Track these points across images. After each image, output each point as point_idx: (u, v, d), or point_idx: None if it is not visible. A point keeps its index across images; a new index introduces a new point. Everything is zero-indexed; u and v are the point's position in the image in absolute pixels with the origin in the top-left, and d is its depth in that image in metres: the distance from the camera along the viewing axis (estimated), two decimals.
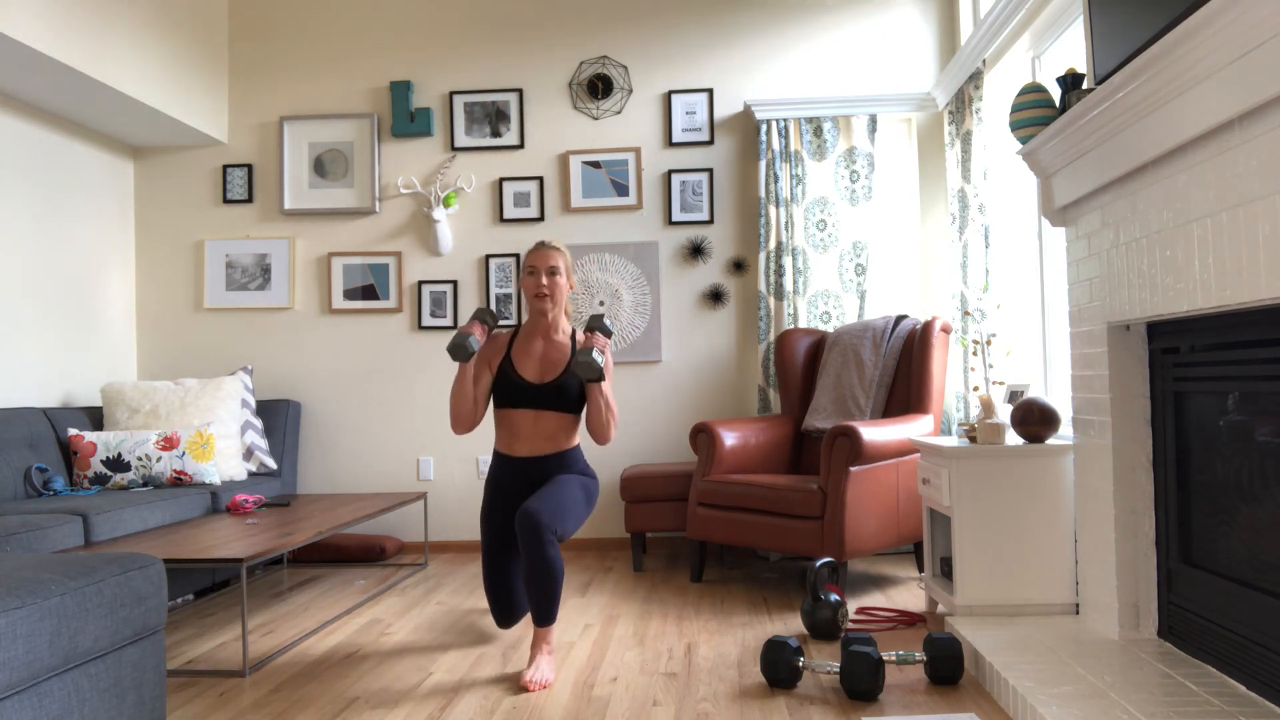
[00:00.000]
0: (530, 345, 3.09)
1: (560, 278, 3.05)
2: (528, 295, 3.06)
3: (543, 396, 3.02)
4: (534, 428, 3.05)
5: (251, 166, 5.04)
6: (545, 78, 4.96)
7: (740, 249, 4.87)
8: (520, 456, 3.08)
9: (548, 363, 3.06)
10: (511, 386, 3.03)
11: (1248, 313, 2.15)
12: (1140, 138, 2.31)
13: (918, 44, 4.82)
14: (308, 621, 3.54)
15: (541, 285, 3.03)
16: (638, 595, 3.83)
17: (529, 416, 3.05)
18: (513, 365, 3.05)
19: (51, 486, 3.87)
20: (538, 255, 3.05)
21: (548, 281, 3.03)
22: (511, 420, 3.07)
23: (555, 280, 3.04)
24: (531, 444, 3.06)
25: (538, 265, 3.04)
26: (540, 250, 3.06)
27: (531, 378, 3.04)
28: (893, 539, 3.74)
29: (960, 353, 4.27)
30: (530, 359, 3.07)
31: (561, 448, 3.09)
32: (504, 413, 3.08)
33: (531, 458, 3.07)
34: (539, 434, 3.06)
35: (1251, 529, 2.21)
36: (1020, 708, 2.26)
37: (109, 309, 4.86)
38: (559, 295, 3.07)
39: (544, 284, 3.03)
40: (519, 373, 3.04)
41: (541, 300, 3.04)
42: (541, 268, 3.03)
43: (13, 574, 1.90)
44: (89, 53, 3.94)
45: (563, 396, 3.03)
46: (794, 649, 2.62)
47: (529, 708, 2.54)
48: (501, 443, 3.12)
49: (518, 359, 3.07)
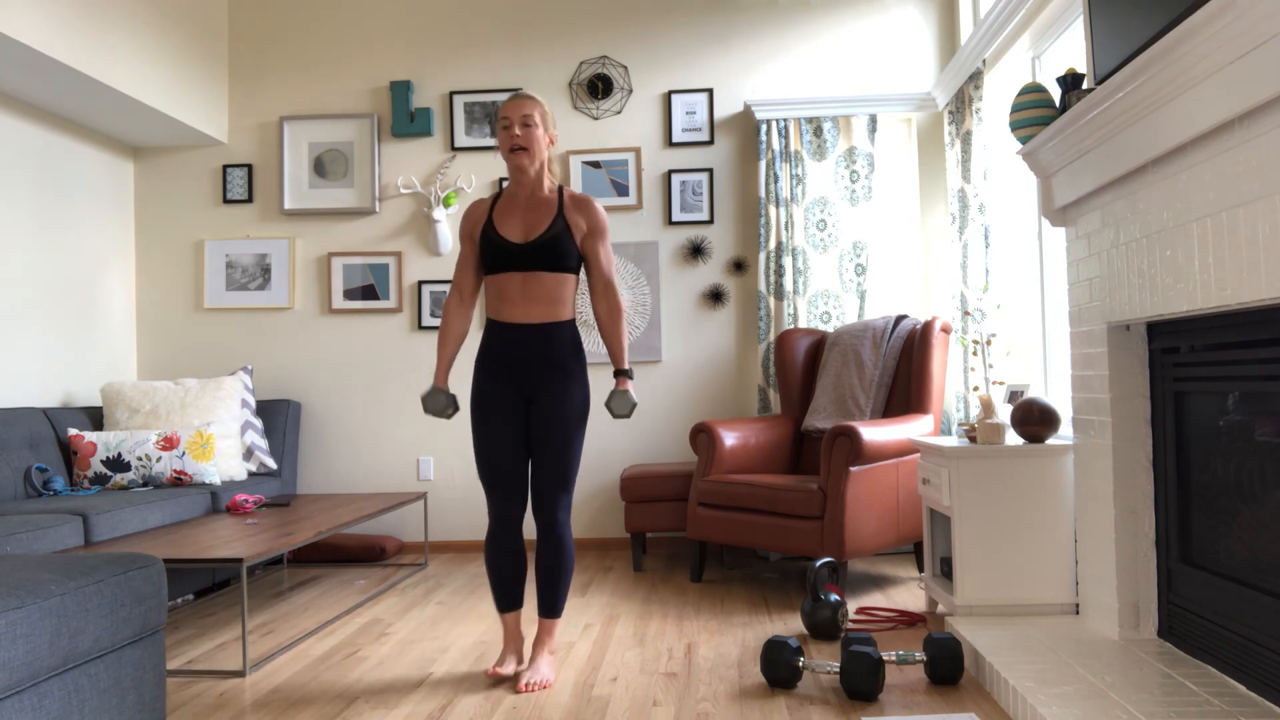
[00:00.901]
0: (513, 204, 2.83)
1: (537, 129, 2.76)
2: (502, 151, 2.79)
3: (530, 255, 2.75)
4: (523, 290, 2.78)
5: (251, 166, 5.04)
6: (545, 78, 4.96)
7: (740, 249, 4.87)
8: (513, 322, 2.79)
9: (532, 220, 2.80)
10: (496, 249, 2.77)
11: (1248, 313, 2.15)
12: (1140, 138, 2.31)
13: (918, 44, 4.82)
14: (308, 621, 3.54)
15: (516, 137, 2.74)
16: (638, 595, 3.83)
17: (517, 279, 2.77)
18: (495, 228, 2.80)
19: (51, 486, 3.88)
20: (511, 106, 2.76)
21: (523, 133, 2.74)
22: (501, 285, 2.80)
23: (531, 131, 2.75)
24: (525, 308, 2.78)
25: (511, 117, 2.75)
26: (513, 100, 2.77)
27: (516, 238, 2.78)
28: (893, 539, 3.74)
29: (960, 353, 4.27)
30: (514, 218, 2.81)
31: (557, 316, 2.80)
32: (492, 279, 2.82)
33: (524, 324, 2.78)
34: (529, 297, 2.78)
35: (1251, 529, 2.21)
36: (1020, 708, 2.26)
37: (109, 309, 4.86)
38: (536, 148, 2.77)
39: (518, 135, 2.74)
40: (502, 234, 2.78)
41: (518, 155, 2.75)
42: (515, 119, 2.74)
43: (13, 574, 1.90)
44: (89, 53, 3.94)
45: (553, 253, 2.76)
46: (794, 649, 2.62)
47: (529, 707, 2.54)
48: (492, 308, 2.84)
49: (500, 220, 2.81)
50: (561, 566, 2.80)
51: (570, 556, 2.81)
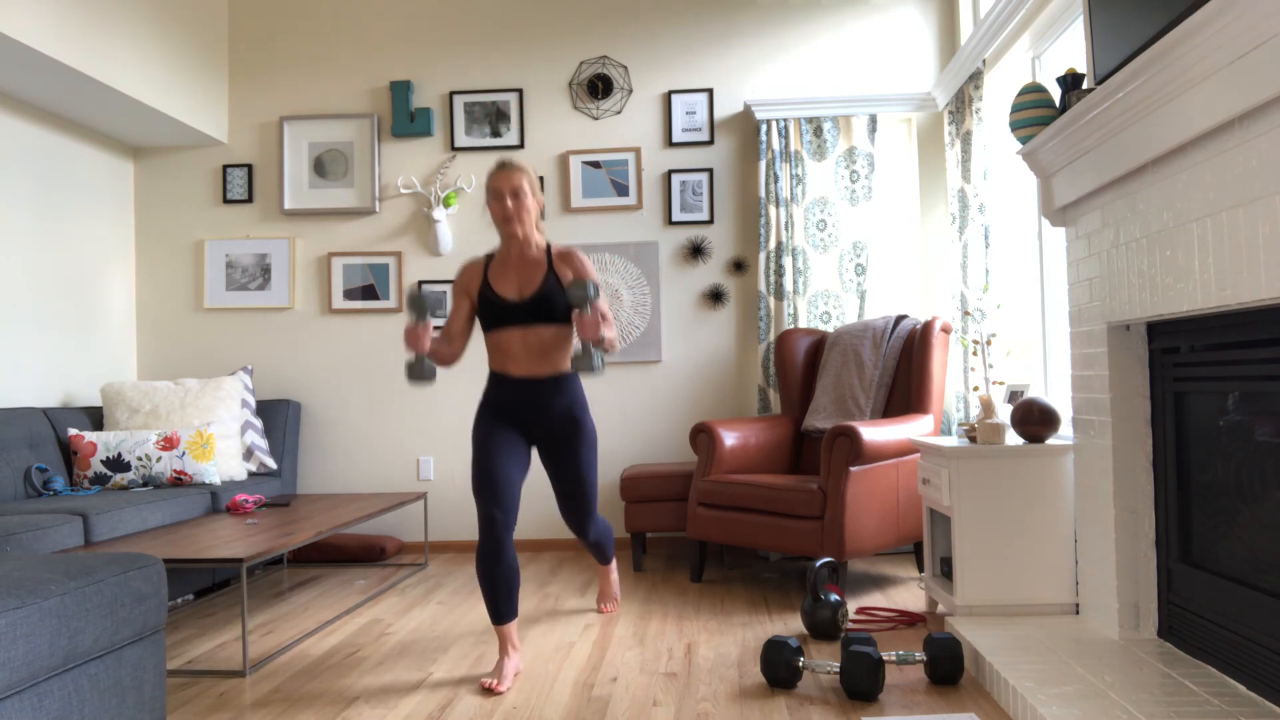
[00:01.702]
0: (506, 265, 2.99)
1: (526, 199, 2.93)
2: (494, 220, 2.96)
3: (527, 311, 2.92)
4: (524, 345, 2.94)
5: (251, 166, 5.04)
6: (545, 78, 4.96)
7: (740, 249, 4.87)
8: (518, 377, 2.97)
9: (525, 277, 2.96)
10: (495, 308, 2.93)
11: (1248, 313, 2.15)
12: (1140, 138, 2.31)
13: (918, 44, 4.82)
14: (308, 621, 3.54)
15: (508, 209, 2.91)
16: (638, 595, 3.83)
17: (518, 335, 2.94)
18: (491, 288, 2.95)
19: (51, 486, 3.88)
20: (500, 178, 2.92)
21: (513, 205, 2.91)
22: (502, 342, 2.96)
23: (521, 202, 2.92)
24: (527, 363, 2.96)
25: (501, 189, 2.92)
26: (502, 172, 2.93)
27: (512, 296, 2.94)
28: (893, 539, 3.74)
29: (960, 353, 4.27)
30: (508, 278, 2.96)
31: (559, 369, 2.99)
32: (493, 336, 2.98)
33: (529, 379, 2.96)
34: (531, 351, 2.95)
35: (1251, 529, 2.21)
36: (1020, 708, 2.26)
37: (109, 309, 4.86)
38: (526, 216, 2.94)
39: (510, 207, 2.91)
40: (499, 293, 2.94)
41: (509, 224, 2.93)
42: (505, 190, 2.91)
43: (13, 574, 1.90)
44: (89, 53, 3.94)
45: (547, 308, 2.93)
46: (794, 649, 2.62)
47: (529, 707, 2.54)
48: (496, 364, 3.01)
49: (495, 281, 2.96)
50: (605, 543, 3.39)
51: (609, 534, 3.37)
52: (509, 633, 2.85)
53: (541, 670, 2.88)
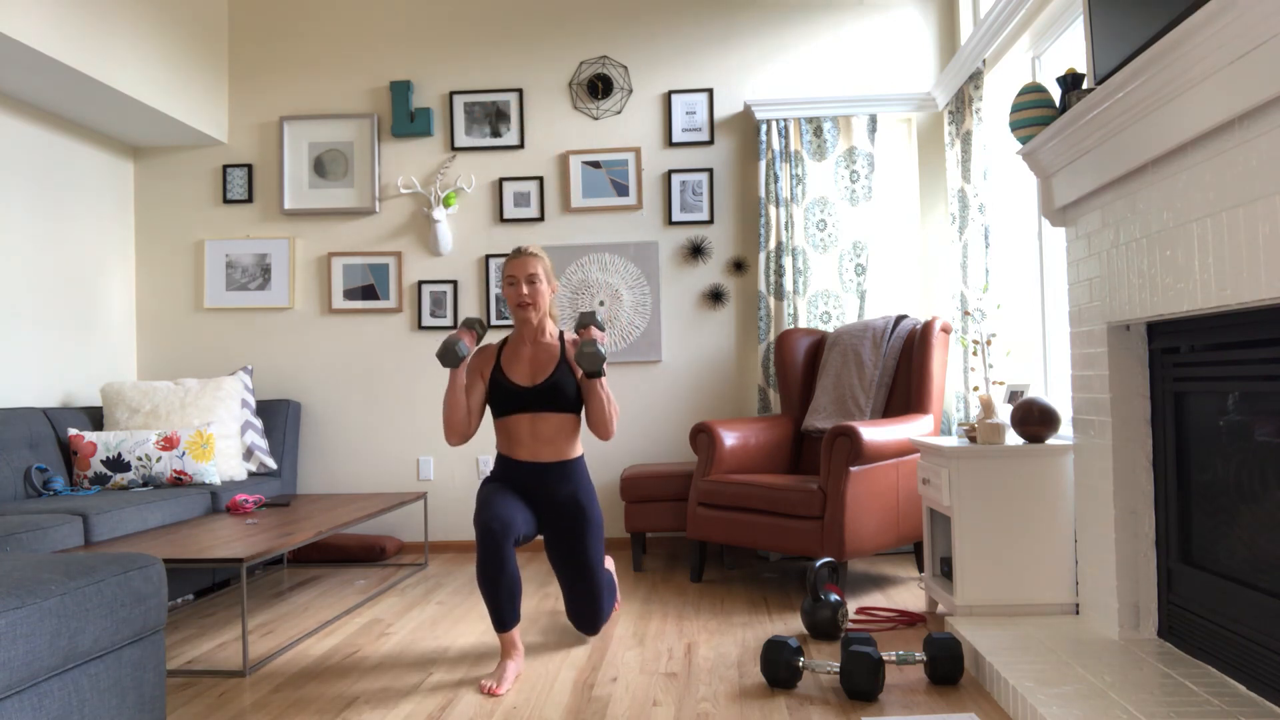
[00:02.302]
0: (519, 351, 3.09)
1: (541, 284, 3.04)
2: (510, 305, 3.06)
3: (538, 398, 3.01)
4: (533, 431, 3.04)
5: (251, 166, 5.04)
6: (545, 78, 4.96)
7: (740, 249, 4.87)
8: (523, 461, 3.06)
9: (538, 365, 3.06)
10: (505, 394, 3.03)
11: (1248, 313, 2.15)
12: (1140, 138, 2.31)
13: (918, 44, 4.82)
14: (308, 621, 3.54)
15: (523, 295, 3.02)
16: (638, 595, 3.83)
17: (526, 421, 3.04)
18: (504, 373, 3.05)
19: (51, 486, 3.88)
20: (516, 265, 3.03)
21: (528, 290, 3.02)
22: (510, 427, 3.06)
23: (536, 288, 3.03)
24: (533, 448, 3.05)
25: (517, 275, 3.02)
26: (518, 259, 3.04)
27: (523, 382, 3.03)
28: (893, 539, 3.74)
29: (960, 353, 4.27)
30: (520, 364, 3.07)
31: (565, 456, 3.08)
32: (502, 421, 3.07)
33: (536, 463, 3.05)
34: (539, 438, 3.04)
35: (1251, 529, 2.21)
36: (1020, 708, 2.26)
37: (109, 309, 4.86)
38: (541, 302, 3.05)
39: (525, 293, 3.02)
40: (511, 379, 3.04)
41: (525, 309, 3.03)
42: (521, 276, 3.02)
43: (13, 574, 1.90)
44: (89, 53, 3.94)
45: (558, 396, 3.02)
46: (794, 649, 2.62)
47: (529, 707, 2.54)
48: (503, 447, 3.11)
49: (508, 366, 3.07)
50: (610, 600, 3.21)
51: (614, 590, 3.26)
52: (512, 637, 2.86)
53: (541, 670, 2.88)
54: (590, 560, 3.05)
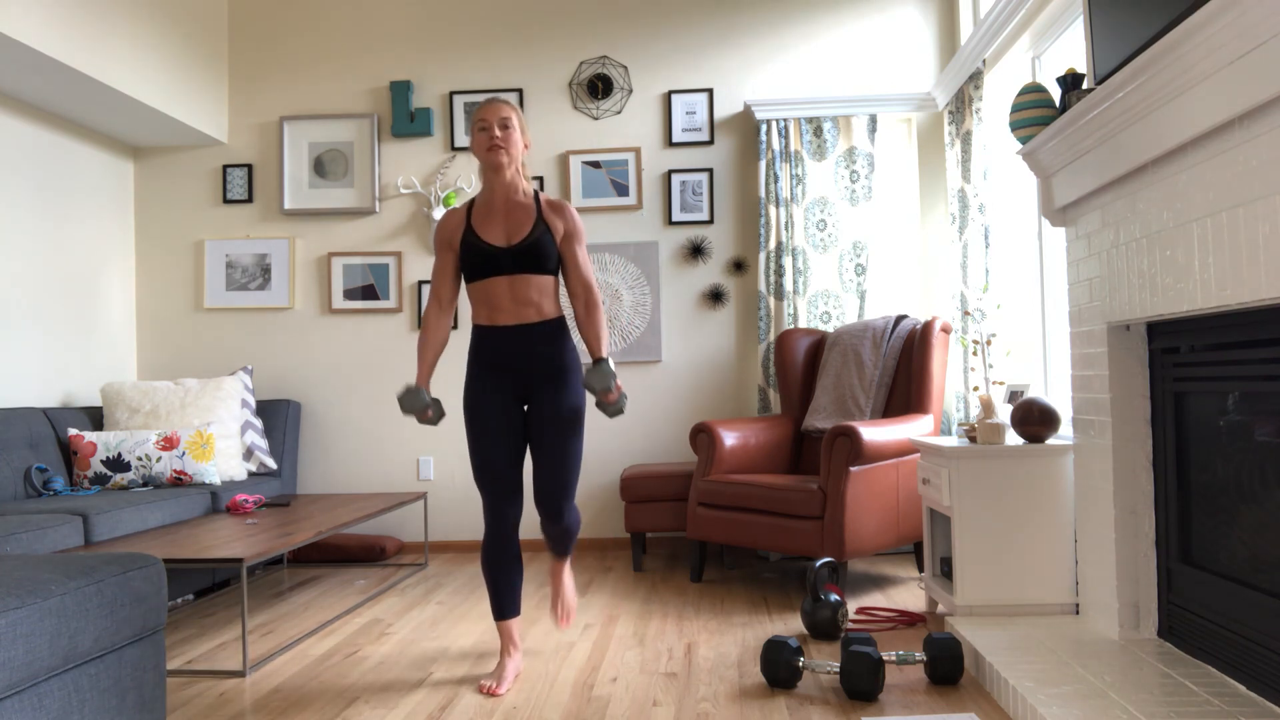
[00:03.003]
0: (490, 210, 2.81)
1: (514, 131, 2.76)
2: (479, 153, 2.77)
3: (515, 259, 2.75)
4: (511, 293, 2.77)
5: (251, 166, 5.04)
6: (545, 78, 4.96)
7: (740, 249, 4.87)
8: (505, 325, 2.79)
9: (513, 223, 2.78)
10: (480, 255, 2.76)
11: (1248, 313, 2.15)
12: (1140, 138, 2.31)
13: (918, 44, 4.82)
14: (308, 621, 3.54)
15: (495, 138, 2.73)
16: (638, 595, 3.83)
17: (504, 284, 2.76)
18: (476, 234, 2.78)
19: (51, 486, 3.87)
20: (488, 109, 2.76)
21: (501, 135, 2.73)
22: (487, 291, 2.78)
23: (509, 134, 2.75)
24: (515, 311, 2.78)
25: (489, 118, 2.75)
26: (490, 104, 2.76)
27: (499, 242, 2.76)
28: (893, 539, 3.74)
29: (960, 353, 4.27)
30: (494, 223, 2.79)
31: (546, 315, 2.80)
32: (477, 286, 2.80)
33: (517, 326, 2.78)
34: (518, 299, 2.77)
35: (1251, 529, 2.21)
36: (1020, 708, 2.26)
37: (109, 309, 4.86)
38: (514, 150, 2.77)
39: (497, 136, 2.73)
40: (485, 239, 2.77)
41: (495, 153, 2.74)
42: (493, 120, 2.74)
43: (13, 574, 1.90)
44: (89, 53, 3.94)
45: (537, 255, 2.76)
46: (794, 649, 2.62)
47: (529, 707, 2.54)
48: (481, 317, 2.83)
49: (480, 227, 2.79)
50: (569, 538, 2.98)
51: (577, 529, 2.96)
52: (511, 630, 2.83)
53: (541, 670, 2.88)
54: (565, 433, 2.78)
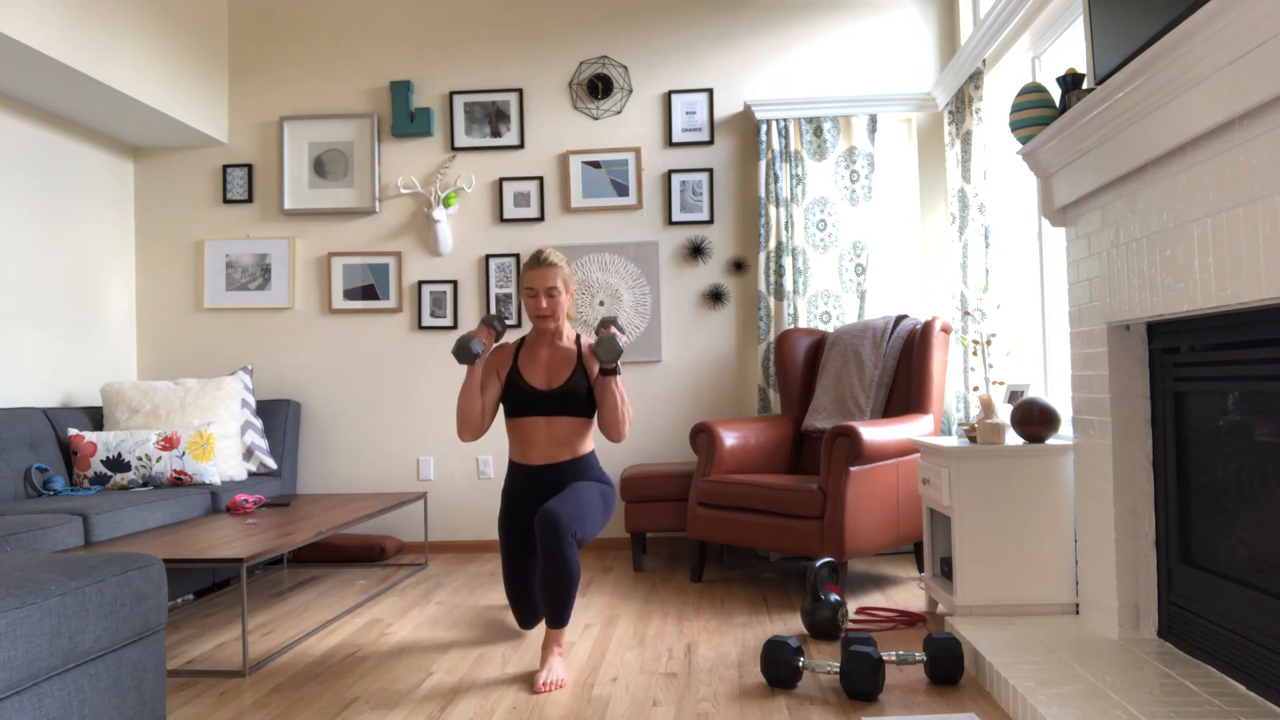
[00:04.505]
0: (536, 353, 3.12)
1: (560, 295, 3.07)
2: (529, 314, 3.09)
3: (553, 402, 3.05)
4: (547, 434, 3.07)
5: (251, 166, 5.04)
6: (545, 78, 4.96)
7: (740, 249, 4.87)
8: (536, 465, 3.09)
9: (554, 369, 3.09)
10: (521, 395, 3.06)
11: (1248, 313, 2.15)
12: (1140, 138, 2.31)
13: (918, 44, 4.82)
14: (308, 621, 3.54)
15: (542, 308, 3.05)
16: (638, 595, 3.83)
17: (541, 424, 3.07)
18: (520, 374, 3.08)
19: (51, 486, 3.87)
20: (536, 277, 3.05)
21: (548, 304, 3.05)
22: (524, 429, 3.09)
23: (555, 300, 3.06)
24: (546, 451, 3.08)
25: (536, 288, 3.05)
26: (537, 270, 3.05)
27: (540, 385, 3.07)
28: (893, 539, 3.74)
29: (960, 353, 4.27)
30: (537, 366, 3.10)
31: (577, 453, 3.11)
32: (515, 422, 3.10)
33: (547, 465, 3.09)
34: (553, 440, 3.08)
35: (1251, 529, 2.21)
36: (1020, 708, 2.26)
37: (109, 309, 4.86)
38: (560, 313, 3.09)
39: (544, 306, 3.05)
40: (527, 381, 3.07)
41: (544, 321, 3.07)
42: (540, 289, 3.05)
43: (13, 574, 1.90)
44: (89, 53, 3.94)
45: (573, 400, 3.05)
46: (794, 649, 2.62)
47: (529, 708, 2.54)
48: (516, 452, 3.14)
49: (525, 368, 3.10)
50: (564, 582, 2.81)
51: (574, 571, 2.82)
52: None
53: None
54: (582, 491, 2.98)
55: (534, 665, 2.93)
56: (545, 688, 2.68)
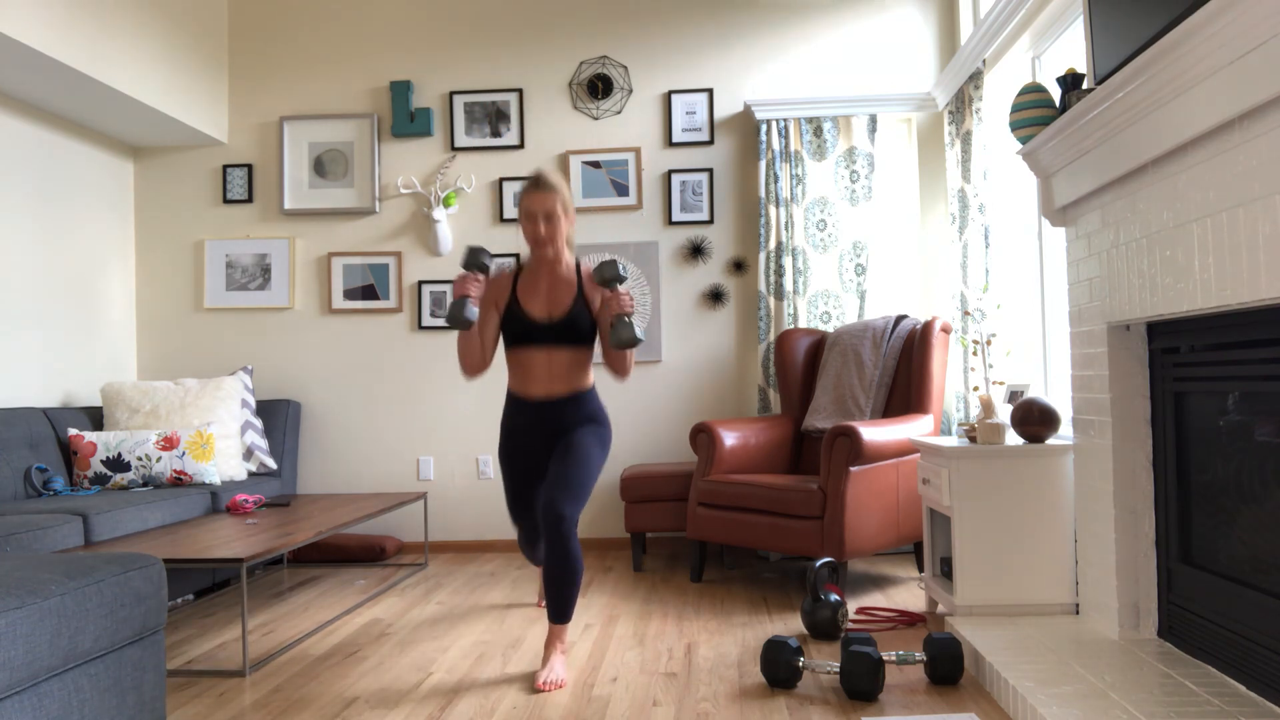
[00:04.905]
0: (535, 282, 2.98)
1: (559, 221, 2.90)
2: (527, 241, 2.94)
3: (553, 333, 2.92)
4: (547, 367, 2.95)
5: (251, 166, 5.04)
6: (545, 78, 4.96)
7: (740, 249, 4.87)
8: (536, 399, 2.97)
9: (554, 299, 2.95)
10: (521, 326, 2.93)
11: (1248, 313, 2.15)
12: (1140, 138, 2.31)
13: (918, 44, 4.82)
14: (308, 621, 3.54)
15: (540, 233, 2.89)
16: (638, 595, 3.83)
17: (541, 355, 2.94)
18: (520, 304, 2.94)
19: (51, 486, 3.87)
20: (533, 200, 2.89)
21: (546, 229, 2.89)
22: (523, 360, 2.96)
23: (554, 225, 2.89)
24: (547, 385, 2.96)
25: (535, 211, 2.89)
26: (535, 194, 2.89)
27: (540, 315, 2.93)
28: (893, 539, 3.74)
29: (960, 353, 4.27)
30: (537, 296, 2.96)
31: (577, 388, 2.98)
32: (515, 352, 2.98)
33: (548, 400, 2.97)
34: (553, 373, 2.95)
35: (1251, 529, 2.21)
36: (1020, 708, 2.26)
37: (109, 309, 4.86)
38: (559, 239, 2.92)
39: (542, 232, 2.89)
40: (526, 311, 2.93)
41: (542, 248, 2.91)
42: (539, 213, 2.88)
43: (13, 574, 1.90)
44: (89, 53, 3.94)
45: (574, 331, 2.93)
46: (794, 649, 2.62)
47: (529, 708, 2.54)
48: (515, 383, 3.02)
49: (524, 297, 2.95)
50: (570, 575, 2.80)
51: (578, 564, 2.80)
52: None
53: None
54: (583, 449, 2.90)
55: (534, 665, 2.93)
56: (545, 687, 2.68)
